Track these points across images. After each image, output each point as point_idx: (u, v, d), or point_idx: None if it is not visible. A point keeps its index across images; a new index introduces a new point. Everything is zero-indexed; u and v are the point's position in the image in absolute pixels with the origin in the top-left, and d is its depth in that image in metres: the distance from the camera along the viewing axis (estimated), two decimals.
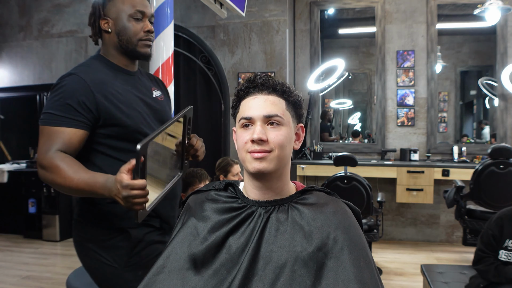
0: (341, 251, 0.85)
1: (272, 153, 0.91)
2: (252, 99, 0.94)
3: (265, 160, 0.91)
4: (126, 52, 1.34)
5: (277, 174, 0.95)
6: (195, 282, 0.88)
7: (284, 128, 0.93)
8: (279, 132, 0.92)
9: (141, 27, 1.32)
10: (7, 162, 4.87)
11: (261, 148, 0.90)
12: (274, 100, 0.94)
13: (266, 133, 0.91)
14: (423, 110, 4.27)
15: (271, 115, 0.92)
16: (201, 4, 3.78)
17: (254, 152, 0.91)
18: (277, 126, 0.92)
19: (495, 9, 3.46)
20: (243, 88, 0.96)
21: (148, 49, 1.35)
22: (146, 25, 1.33)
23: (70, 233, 4.51)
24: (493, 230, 1.86)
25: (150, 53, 1.36)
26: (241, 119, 0.94)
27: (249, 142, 0.91)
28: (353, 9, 4.57)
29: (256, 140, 0.90)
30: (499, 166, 3.06)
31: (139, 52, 1.34)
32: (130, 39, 1.32)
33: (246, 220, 0.93)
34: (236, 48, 4.27)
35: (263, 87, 0.94)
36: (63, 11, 4.82)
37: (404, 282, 3.12)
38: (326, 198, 0.96)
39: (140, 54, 1.35)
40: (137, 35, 1.32)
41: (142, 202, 1.01)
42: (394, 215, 4.31)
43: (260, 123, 0.92)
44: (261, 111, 0.92)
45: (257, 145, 0.91)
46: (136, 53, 1.34)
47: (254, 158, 0.91)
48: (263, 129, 0.91)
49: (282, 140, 0.92)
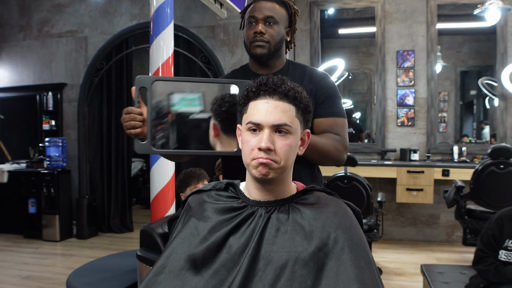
0: (342, 251, 0.85)
1: (277, 164, 0.91)
2: (262, 102, 0.92)
3: (270, 169, 0.90)
4: (250, 56, 1.42)
5: (280, 178, 0.95)
6: (195, 282, 0.88)
7: (291, 137, 0.92)
8: (286, 142, 0.91)
9: (253, 31, 1.36)
10: (7, 162, 4.87)
11: (268, 156, 0.90)
12: (284, 107, 0.92)
13: (274, 140, 0.90)
14: (423, 110, 4.27)
15: (281, 124, 0.91)
16: (201, 4, 3.78)
17: (260, 158, 0.90)
18: (285, 134, 0.91)
19: (495, 9, 3.46)
20: (254, 89, 0.94)
21: (257, 50, 1.36)
22: (255, 27, 1.35)
23: (70, 233, 4.51)
24: (493, 230, 1.86)
25: (263, 53, 1.35)
26: (249, 123, 0.93)
27: (256, 149, 0.91)
28: (353, 9, 4.57)
29: (263, 149, 0.90)
30: (499, 166, 3.06)
31: (252, 54, 1.38)
32: (246, 44, 1.40)
33: (247, 220, 0.93)
34: (236, 48, 4.27)
35: (274, 92, 0.92)
36: (63, 11, 4.82)
37: (404, 282, 3.12)
38: (327, 198, 0.96)
39: (253, 55, 1.39)
40: (249, 39, 1.37)
41: (130, 127, 1.12)
42: (394, 215, 4.31)
43: (269, 130, 0.90)
44: (271, 118, 0.90)
45: (263, 153, 0.90)
46: (251, 55, 1.40)
47: (259, 162, 0.90)
48: (271, 137, 0.90)
49: (288, 150, 0.92)
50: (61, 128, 4.76)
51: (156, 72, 2.57)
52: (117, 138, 4.72)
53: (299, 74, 1.42)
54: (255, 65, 1.43)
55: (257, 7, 1.36)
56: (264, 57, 1.36)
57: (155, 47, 2.55)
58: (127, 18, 4.63)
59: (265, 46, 1.35)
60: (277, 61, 1.42)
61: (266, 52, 1.35)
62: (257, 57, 1.37)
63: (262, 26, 1.34)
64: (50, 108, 4.77)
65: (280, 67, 1.43)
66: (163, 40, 2.54)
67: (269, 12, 1.34)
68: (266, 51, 1.35)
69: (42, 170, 4.45)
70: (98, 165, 4.73)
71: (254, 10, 1.36)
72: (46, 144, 4.44)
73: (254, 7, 1.37)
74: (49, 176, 4.37)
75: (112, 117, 4.70)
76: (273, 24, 1.35)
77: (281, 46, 1.40)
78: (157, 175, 2.61)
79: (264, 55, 1.36)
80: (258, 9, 1.35)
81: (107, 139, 4.73)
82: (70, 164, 4.67)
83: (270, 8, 1.35)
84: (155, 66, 2.56)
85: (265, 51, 1.35)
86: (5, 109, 5.09)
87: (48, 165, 4.44)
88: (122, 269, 2.46)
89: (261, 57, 1.36)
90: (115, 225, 4.70)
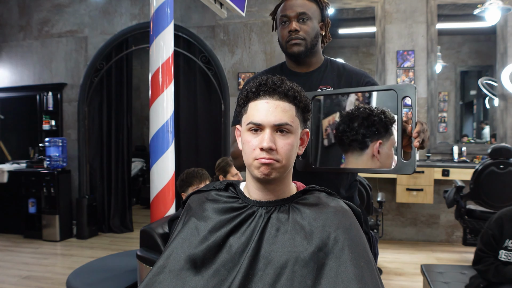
0: (342, 251, 0.85)
1: (279, 163, 0.91)
2: (262, 102, 0.93)
3: (272, 168, 0.91)
4: (286, 55, 1.41)
5: (281, 178, 0.95)
6: (196, 282, 0.88)
7: (292, 136, 0.93)
8: (287, 141, 0.92)
9: (288, 30, 1.35)
10: (7, 162, 4.87)
11: (270, 156, 0.90)
12: (284, 107, 0.92)
13: (275, 140, 0.91)
14: (423, 110, 4.27)
15: (282, 123, 0.91)
16: (201, 4, 3.78)
17: (262, 158, 0.91)
18: (286, 134, 0.92)
19: (495, 9, 3.46)
20: (254, 90, 0.94)
21: (294, 48, 1.34)
22: (289, 26, 1.34)
23: (70, 233, 4.51)
24: (493, 230, 1.86)
25: (300, 51, 1.34)
26: (250, 123, 0.93)
27: (257, 149, 0.91)
28: (353, 9, 4.57)
29: (265, 149, 0.90)
30: (499, 166, 3.06)
31: (289, 53, 1.37)
32: (281, 44, 1.39)
33: (247, 220, 0.93)
34: (236, 48, 4.27)
35: (274, 92, 0.93)
36: (63, 11, 4.82)
37: (404, 282, 3.12)
38: (327, 198, 0.96)
39: (290, 54, 1.37)
40: (284, 38, 1.36)
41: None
42: (394, 215, 4.31)
43: (270, 130, 0.91)
44: (272, 118, 0.91)
45: (265, 153, 0.90)
46: (288, 54, 1.39)
47: (261, 163, 0.91)
48: (272, 137, 0.91)
49: (289, 149, 0.92)
50: (61, 128, 4.76)
51: (156, 72, 2.56)
52: (117, 138, 4.72)
53: (337, 72, 1.40)
54: (292, 64, 1.42)
55: (288, 6, 1.34)
56: (302, 55, 1.35)
57: (155, 47, 2.55)
58: (127, 18, 4.63)
59: (301, 44, 1.33)
60: (314, 58, 1.40)
61: (303, 49, 1.34)
62: (295, 55, 1.36)
63: (296, 23, 1.33)
64: (50, 108, 4.77)
65: (318, 64, 1.41)
66: (163, 40, 2.54)
67: (301, 9, 1.33)
68: (303, 48, 1.34)
69: (42, 170, 4.45)
70: (98, 165, 4.73)
71: (285, 9, 1.35)
72: (46, 144, 4.44)
73: (285, 5, 1.36)
74: (49, 176, 4.37)
75: (112, 117, 4.70)
76: (307, 20, 1.33)
77: (317, 42, 1.38)
78: (157, 175, 2.61)
79: (301, 53, 1.34)
80: (289, 7, 1.34)
81: (107, 139, 4.73)
82: (70, 164, 4.67)
83: (301, 4, 1.34)
84: (155, 66, 2.56)
85: (302, 49, 1.34)
86: (5, 109, 5.09)
87: (48, 165, 4.44)
88: (122, 269, 2.46)
89: (299, 55, 1.35)
90: (115, 225, 4.70)
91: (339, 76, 1.38)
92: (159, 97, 2.56)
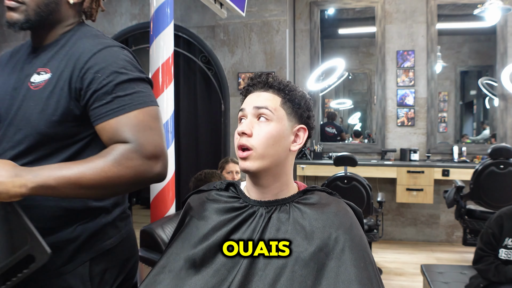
0: (342, 252, 0.85)
1: (253, 152, 0.91)
2: (251, 95, 0.97)
3: (248, 160, 0.91)
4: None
5: (272, 173, 0.94)
6: (195, 282, 0.88)
7: (273, 124, 0.92)
8: (265, 128, 0.91)
9: None
10: None
11: (243, 144, 0.91)
12: (268, 96, 0.95)
13: (253, 127, 0.92)
14: (423, 110, 4.27)
15: (260, 106, 0.92)
16: (201, 4, 3.78)
17: (239, 149, 0.92)
18: (266, 121, 0.92)
19: (495, 9, 3.46)
20: (246, 87, 0.99)
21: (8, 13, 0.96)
22: None
23: None
24: (493, 228, 1.86)
25: (14, 20, 0.96)
26: (239, 113, 0.97)
27: (237, 135, 0.94)
28: (353, 9, 4.57)
29: (239, 133, 0.92)
30: (499, 166, 3.06)
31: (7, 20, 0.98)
32: None
33: (247, 220, 0.93)
34: (236, 48, 4.27)
35: (260, 84, 0.96)
36: None
37: (404, 282, 3.12)
38: (328, 198, 0.96)
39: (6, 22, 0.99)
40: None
41: None
42: (394, 215, 4.31)
43: (251, 116, 0.93)
44: (252, 103, 0.94)
45: (242, 139, 0.92)
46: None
47: (239, 157, 0.93)
48: (251, 124, 0.93)
49: (266, 136, 0.91)
50: None
51: (156, 72, 2.56)
52: None
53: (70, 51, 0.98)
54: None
55: None
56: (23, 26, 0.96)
57: (155, 47, 2.55)
58: (127, 18, 4.63)
59: (18, 9, 0.95)
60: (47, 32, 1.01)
61: (23, 18, 0.96)
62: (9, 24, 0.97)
63: None
64: None
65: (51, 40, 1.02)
66: (163, 40, 2.54)
67: None
68: (22, 17, 0.96)
69: None
70: None
71: None
72: None
73: None
74: None
75: None
76: None
77: (53, 11, 0.99)
78: None
79: (19, 24, 0.96)
80: None
81: None
82: None
83: None
84: (155, 66, 2.56)
85: (20, 17, 0.96)
86: None
87: None
88: None
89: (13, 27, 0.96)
90: None
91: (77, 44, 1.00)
92: (159, 97, 2.56)
